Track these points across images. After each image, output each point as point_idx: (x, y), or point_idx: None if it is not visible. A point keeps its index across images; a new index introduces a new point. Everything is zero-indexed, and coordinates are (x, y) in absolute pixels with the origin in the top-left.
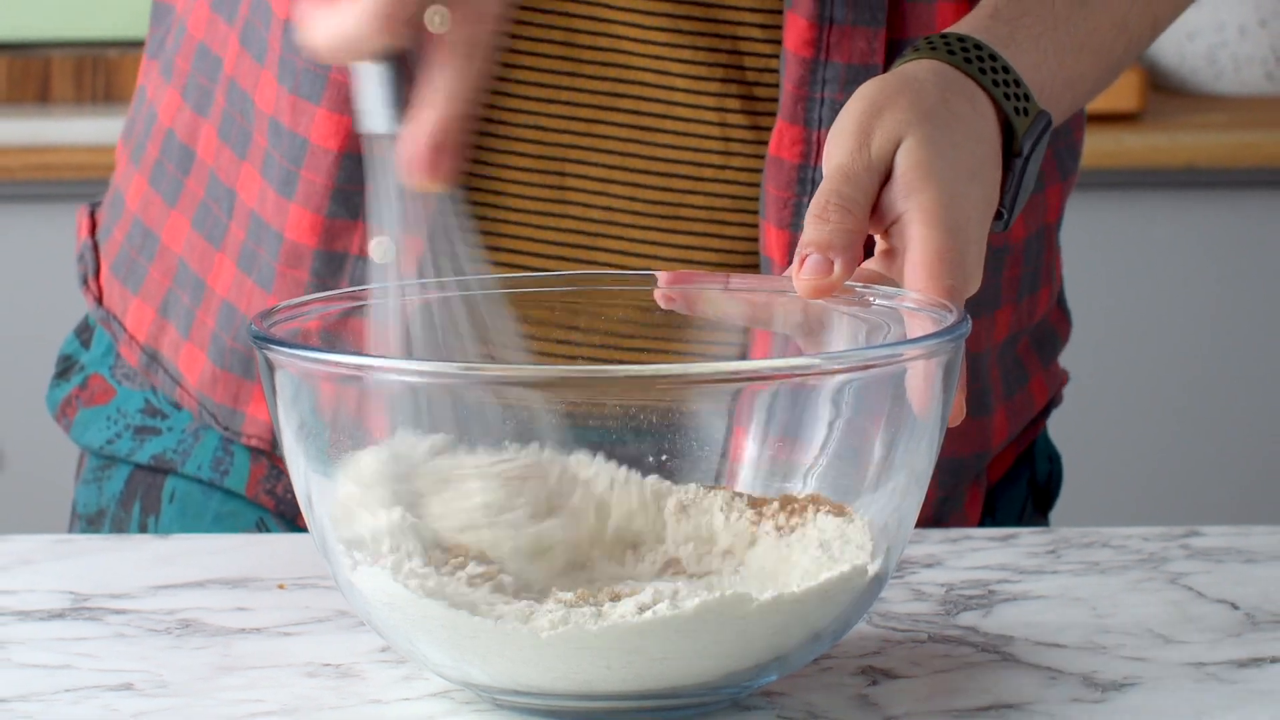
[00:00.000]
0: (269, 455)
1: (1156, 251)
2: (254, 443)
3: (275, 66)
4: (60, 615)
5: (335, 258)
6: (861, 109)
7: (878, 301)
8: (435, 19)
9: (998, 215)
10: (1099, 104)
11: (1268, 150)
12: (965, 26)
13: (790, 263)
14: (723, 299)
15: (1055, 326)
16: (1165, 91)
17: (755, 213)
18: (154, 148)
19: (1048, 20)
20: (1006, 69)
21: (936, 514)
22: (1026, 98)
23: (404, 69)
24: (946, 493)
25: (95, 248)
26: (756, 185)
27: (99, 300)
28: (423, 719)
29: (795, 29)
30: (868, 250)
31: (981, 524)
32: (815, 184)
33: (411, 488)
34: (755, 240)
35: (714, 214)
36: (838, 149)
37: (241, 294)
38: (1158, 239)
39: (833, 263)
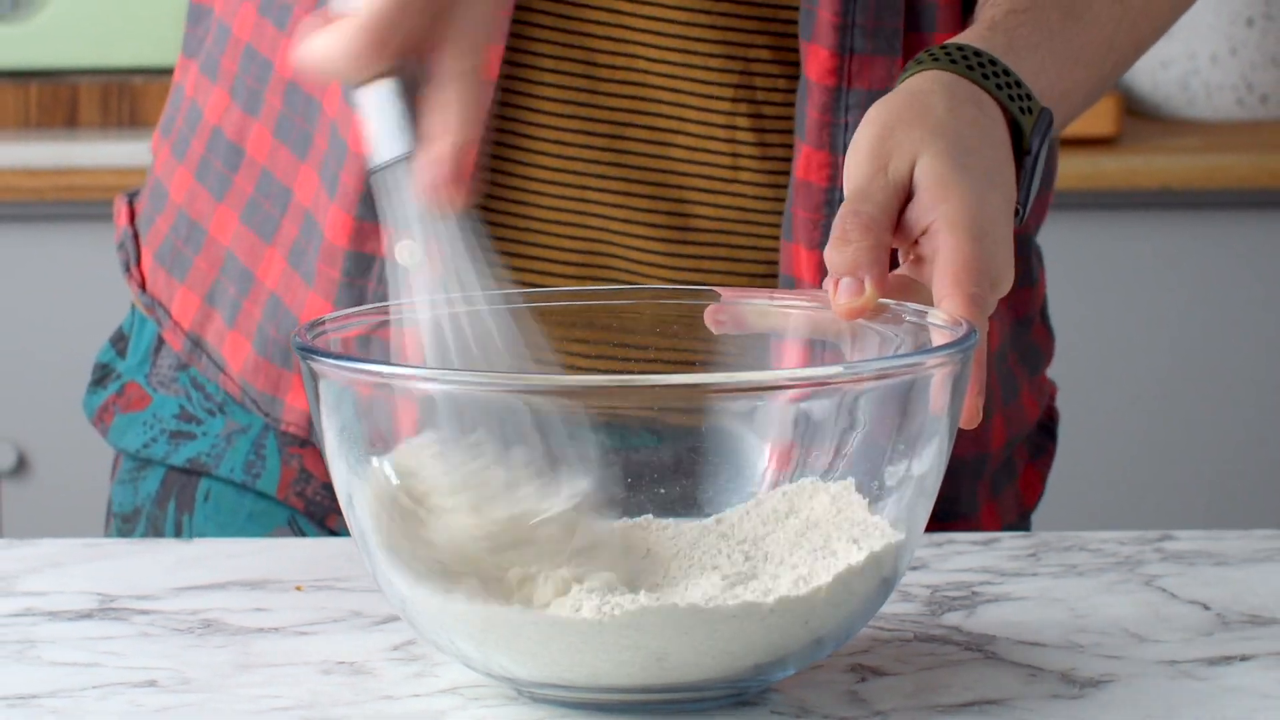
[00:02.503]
0: (299, 458)
1: (1132, 269)
2: (292, 429)
3: None
4: (88, 615)
5: (364, 259)
6: (874, 133)
7: (908, 318)
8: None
9: (1014, 213)
10: (1077, 128)
11: (1239, 172)
12: (964, 38)
13: (820, 281)
14: (772, 313)
15: (1038, 342)
16: (1141, 116)
17: (762, 225)
18: (199, 144)
19: (1043, 32)
20: (1007, 72)
21: (940, 513)
22: (1028, 97)
23: (406, 92)
24: (947, 491)
25: (136, 236)
26: (763, 199)
27: (143, 287)
28: (433, 714)
29: (816, 59)
30: (893, 264)
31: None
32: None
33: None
34: (760, 251)
35: (723, 225)
36: (855, 175)
37: (289, 289)
38: (1134, 258)
39: (863, 282)
